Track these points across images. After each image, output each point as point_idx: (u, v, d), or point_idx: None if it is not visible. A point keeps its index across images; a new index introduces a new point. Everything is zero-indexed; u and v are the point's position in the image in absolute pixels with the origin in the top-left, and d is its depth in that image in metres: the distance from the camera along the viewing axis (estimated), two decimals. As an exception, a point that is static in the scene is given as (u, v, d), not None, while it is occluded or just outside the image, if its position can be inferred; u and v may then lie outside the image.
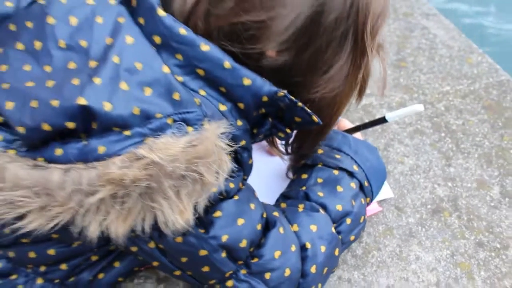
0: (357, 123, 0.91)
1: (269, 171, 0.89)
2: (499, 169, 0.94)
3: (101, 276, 0.72)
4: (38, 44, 0.55)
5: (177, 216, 0.52)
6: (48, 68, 0.54)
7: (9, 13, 0.64)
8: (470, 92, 1.10)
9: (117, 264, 0.73)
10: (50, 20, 0.55)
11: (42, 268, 0.70)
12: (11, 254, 0.68)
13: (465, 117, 1.04)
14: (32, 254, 0.67)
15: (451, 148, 0.98)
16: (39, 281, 0.71)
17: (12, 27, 0.58)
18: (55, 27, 0.55)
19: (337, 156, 0.78)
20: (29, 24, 0.56)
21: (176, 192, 0.51)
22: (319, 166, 0.77)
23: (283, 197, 0.77)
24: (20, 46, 0.56)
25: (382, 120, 0.79)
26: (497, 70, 1.16)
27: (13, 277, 0.70)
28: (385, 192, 0.89)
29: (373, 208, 0.86)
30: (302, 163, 0.80)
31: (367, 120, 0.97)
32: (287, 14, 0.56)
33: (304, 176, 0.77)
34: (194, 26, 0.58)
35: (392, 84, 1.10)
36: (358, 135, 0.88)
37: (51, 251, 0.67)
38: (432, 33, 1.26)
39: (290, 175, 0.84)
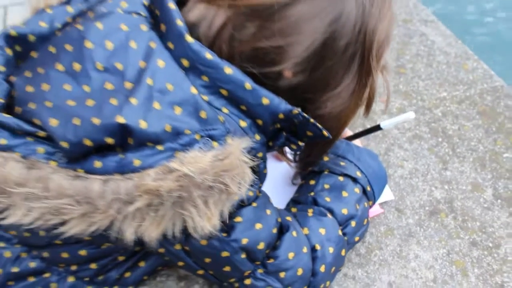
0: (358, 129, 0.97)
1: (276, 176, 0.95)
2: (492, 172, 1.01)
3: (127, 275, 0.79)
4: (77, 66, 0.61)
5: (205, 222, 0.58)
6: (87, 88, 0.59)
7: (44, 33, 0.70)
8: (465, 97, 1.17)
9: (142, 264, 0.79)
10: (88, 44, 0.61)
11: (73, 267, 0.76)
12: (45, 254, 0.75)
13: (461, 122, 1.11)
14: (65, 255, 0.74)
15: (448, 153, 1.05)
16: (70, 279, 0.77)
17: (52, 49, 0.64)
18: (93, 51, 0.61)
19: (342, 163, 0.85)
20: (69, 47, 0.62)
21: (204, 201, 0.58)
22: (326, 172, 0.84)
23: (293, 202, 0.84)
24: (60, 67, 0.61)
25: (377, 128, 0.86)
26: (491, 76, 1.22)
27: (46, 275, 0.76)
28: (386, 194, 0.95)
29: (375, 210, 0.93)
30: (309, 170, 0.86)
31: (368, 126, 1.04)
32: (303, 40, 0.62)
33: (312, 182, 0.83)
34: (218, 49, 0.63)
35: (392, 90, 1.16)
36: (357, 141, 0.95)
37: (83, 252, 0.73)
38: (430, 40, 1.32)
39: (296, 181, 0.91)
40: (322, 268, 0.74)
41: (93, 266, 0.76)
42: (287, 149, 0.87)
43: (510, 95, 1.17)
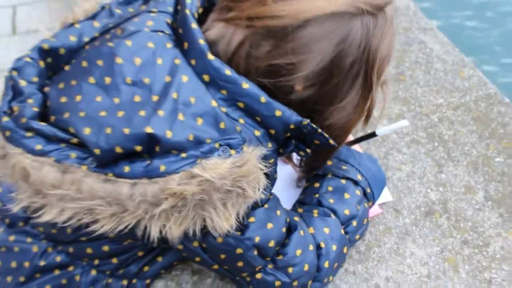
0: (358, 134, 1.03)
1: (281, 178, 1.01)
2: (484, 176, 1.08)
3: (146, 269, 0.85)
4: (108, 80, 0.67)
5: (224, 222, 0.65)
6: (117, 100, 0.66)
7: (73, 47, 0.76)
8: (461, 104, 1.23)
9: (159, 259, 0.86)
10: (118, 60, 0.67)
11: (96, 262, 0.83)
12: (70, 249, 0.81)
13: (456, 128, 1.18)
14: (89, 250, 0.80)
15: (443, 157, 1.11)
16: (93, 272, 0.83)
17: (84, 63, 0.70)
18: (123, 66, 0.67)
19: (344, 167, 0.91)
20: (100, 62, 0.68)
21: (223, 203, 0.64)
22: (329, 176, 0.90)
23: (299, 203, 0.90)
24: (92, 80, 0.68)
25: (373, 135, 0.93)
26: (486, 84, 1.29)
27: (71, 268, 0.83)
28: (385, 196, 1.02)
29: (374, 210, 1.00)
30: (314, 173, 0.93)
31: (369, 131, 1.10)
32: (313, 58, 0.68)
33: (317, 184, 0.90)
34: (236, 65, 0.70)
35: (392, 97, 1.23)
36: (357, 146, 1.02)
37: (105, 248, 0.80)
38: (428, 47, 1.39)
39: (300, 183, 0.98)
40: (326, 264, 0.81)
41: (114, 260, 0.82)
42: (294, 154, 0.93)
43: (503, 102, 1.24)
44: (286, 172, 1.00)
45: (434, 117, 1.20)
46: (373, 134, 0.94)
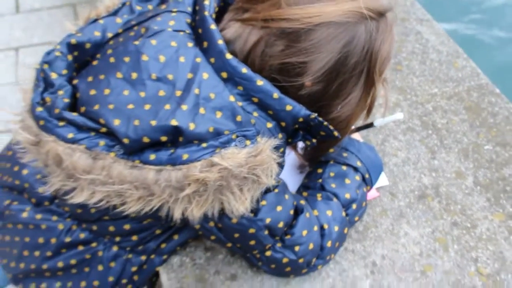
0: (357, 124, 1.10)
1: (286, 164, 1.08)
2: (474, 162, 1.16)
3: (163, 245, 0.93)
4: (134, 75, 0.73)
5: (240, 205, 0.72)
6: (143, 94, 0.72)
7: (98, 42, 0.82)
8: (454, 94, 1.30)
9: (176, 237, 0.93)
10: (144, 57, 0.73)
11: (117, 239, 0.90)
12: (94, 227, 0.88)
13: (449, 117, 1.25)
14: (111, 228, 0.87)
15: (436, 144, 1.19)
16: (114, 248, 0.91)
17: (112, 59, 0.76)
18: (148, 63, 0.73)
19: (345, 154, 0.99)
20: (127, 59, 0.74)
21: (239, 189, 0.71)
22: (331, 162, 0.97)
23: (304, 187, 0.98)
24: (119, 75, 0.74)
25: (371, 125, 1.01)
26: (478, 74, 1.36)
27: (94, 244, 0.90)
28: (382, 180, 1.10)
29: (372, 193, 1.08)
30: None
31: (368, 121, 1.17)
32: (322, 58, 0.75)
33: (320, 170, 0.97)
34: (252, 62, 0.76)
35: (390, 86, 1.29)
36: (357, 134, 1.10)
37: (127, 226, 0.87)
38: (424, 38, 1.45)
39: (302, 169, 1.05)
40: (329, 244, 0.89)
41: (135, 238, 0.90)
42: (299, 143, 1.00)
43: (493, 92, 1.31)
44: (290, 159, 1.07)
45: (428, 106, 1.27)
46: (371, 125, 1.01)
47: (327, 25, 0.74)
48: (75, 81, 0.78)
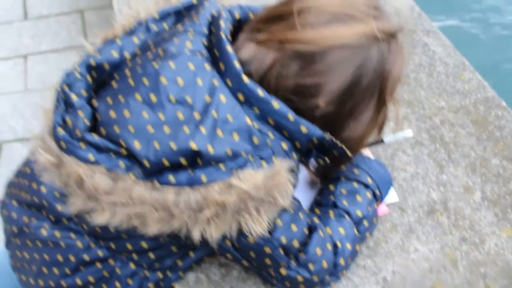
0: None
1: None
2: (481, 177, 1.17)
3: (179, 262, 0.95)
4: (153, 98, 0.75)
5: (257, 226, 0.74)
6: (162, 116, 0.74)
7: (116, 62, 0.84)
8: (461, 107, 1.32)
9: (192, 254, 0.95)
10: (163, 80, 0.75)
11: (135, 256, 0.92)
12: (112, 245, 0.90)
13: (456, 130, 1.27)
14: (129, 246, 0.89)
15: (444, 158, 1.21)
16: (132, 265, 0.93)
17: (131, 81, 0.78)
18: (167, 86, 0.75)
19: (355, 171, 1.01)
20: (146, 82, 0.76)
21: (257, 210, 0.74)
22: (342, 179, 0.99)
23: (316, 204, 1.00)
24: (138, 97, 0.76)
25: (381, 141, 1.03)
26: (484, 87, 1.37)
27: (111, 262, 0.92)
28: (392, 196, 1.12)
29: (382, 210, 1.09)
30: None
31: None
32: (336, 79, 0.77)
33: (331, 187, 0.99)
34: (267, 83, 0.78)
35: (400, 104, 1.31)
36: (367, 150, 1.12)
37: (144, 244, 0.89)
38: (431, 50, 1.47)
39: (314, 186, 1.07)
40: (342, 261, 0.91)
41: (151, 255, 0.92)
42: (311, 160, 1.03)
43: (500, 105, 1.33)
44: (301, 175, 1.09)
45: (436, 119, 1.29)
46: (381, 141, 1.03)
47: (341, 47, 0.76)
48: (94, 102, 0.81)
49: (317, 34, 0.76)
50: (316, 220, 0.91)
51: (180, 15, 0.91)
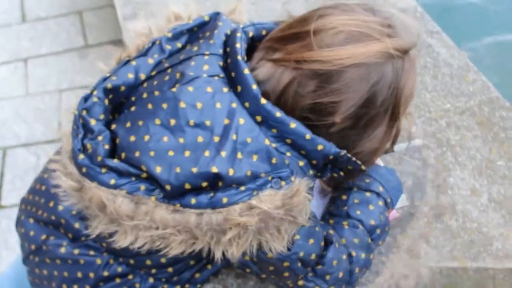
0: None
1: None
2: (487, 179, 1.20)
3: (197, 275, 0.97)
4: (173, 122, 0.76)
5: (278, 244, 0.76)
6: (181, 140, 0.75)
7: (131, 84, 0.85)
8: (466, 109, 1.34)
9: (209, 267, 0.97)
10: (182, 104, 0.76)
11: (153, 271, 0.94)
12: (131, 261, 0.92)
13: (462, 133, 1.29)
14: (148, 262, 0.91)
15: (451, 161, 1.23)
16: (150, 280, 0.95)
17: (149, 106, 0.79)
18: (186, 110, 0.76)
19: (367, 180, 1.02)
20: (164, 106, 0.77)
21: (277, 229, 0.75)
22: (355, 189, 1.01)
23: (329, 214, 1.02)
24: (157, 121, 0.77)
25: (391, 151, 1.05)
26: (489, 88, 1.39)
27: (130, 277, 0.94)
28: (402, 201, 1.13)
29: (393, 214, 1.11)
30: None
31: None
32: (353, 97, 0.78)
33: (344, 197, 1.01)
34: (284, 101, 0.79)
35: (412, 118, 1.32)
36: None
37: (163, 260, 0.91)
38: (435, 51, 1.48)
39: (324, 194, 1.09)
40: (357, 270, 0.93)
41: (170, 269, 0.94)
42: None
43: (504, 106, 1.35)
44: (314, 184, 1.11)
45: (442, 122, 1.31)
46: (391, 150, 1.05)
47: (358, 66, 0.77)
48: (113, 126, 0.81)
49: (334, 53, 0.77)
50: (331, 231, 0.93)
51: (193, 32, 0.92)
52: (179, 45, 0.91)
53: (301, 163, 0.80)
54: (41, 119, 2.14)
